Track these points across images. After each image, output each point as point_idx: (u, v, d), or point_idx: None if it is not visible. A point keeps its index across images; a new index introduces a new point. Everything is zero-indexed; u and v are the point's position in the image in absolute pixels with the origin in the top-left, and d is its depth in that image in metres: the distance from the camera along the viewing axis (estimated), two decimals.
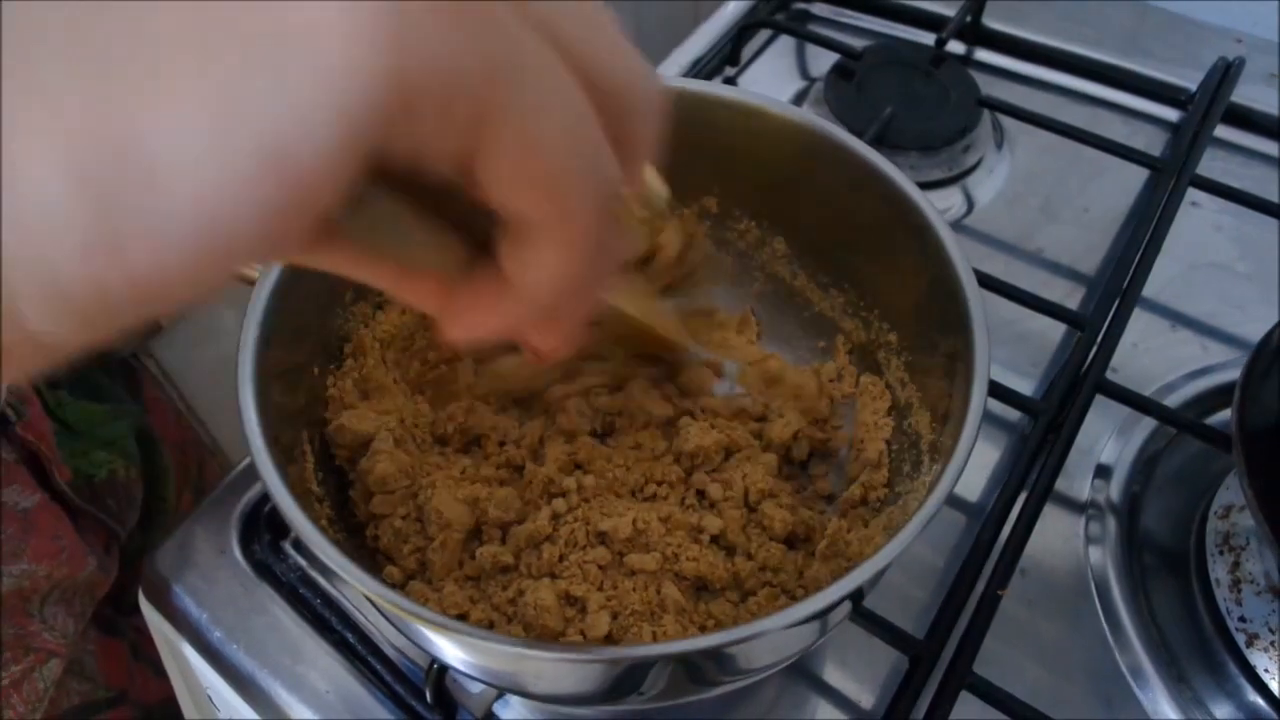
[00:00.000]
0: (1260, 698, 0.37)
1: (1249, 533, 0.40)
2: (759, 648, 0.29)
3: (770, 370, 0.41)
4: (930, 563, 0.41)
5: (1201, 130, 0.55)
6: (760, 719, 0.37)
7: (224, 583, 0.40)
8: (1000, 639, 0.38)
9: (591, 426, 0.38)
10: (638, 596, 0.32)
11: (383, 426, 0.35)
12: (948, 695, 0.35)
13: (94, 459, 0.48)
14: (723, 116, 0.38)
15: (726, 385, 0.42)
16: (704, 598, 0.34)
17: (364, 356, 0.37)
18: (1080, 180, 0.56)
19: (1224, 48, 0.61)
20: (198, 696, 0.42)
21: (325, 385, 0.36)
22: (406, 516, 0.35)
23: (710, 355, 0.41)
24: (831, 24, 0.67)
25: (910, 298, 0.36)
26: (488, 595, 0.33)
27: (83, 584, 0.46)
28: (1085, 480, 0.44)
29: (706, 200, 0.42)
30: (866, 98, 0.57)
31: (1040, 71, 0.63)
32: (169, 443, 0.56)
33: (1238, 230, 0.54)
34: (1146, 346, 0.49)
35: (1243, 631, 0.38)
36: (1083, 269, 0.52)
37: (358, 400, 0.36)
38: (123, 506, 0.51)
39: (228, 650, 0.39)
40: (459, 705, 0.37)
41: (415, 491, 0.35)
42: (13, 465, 0.43)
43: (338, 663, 0.38)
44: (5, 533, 0.42)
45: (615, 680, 0.29)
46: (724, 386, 0.42)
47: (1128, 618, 0.39)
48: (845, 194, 0.37)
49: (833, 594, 0.26)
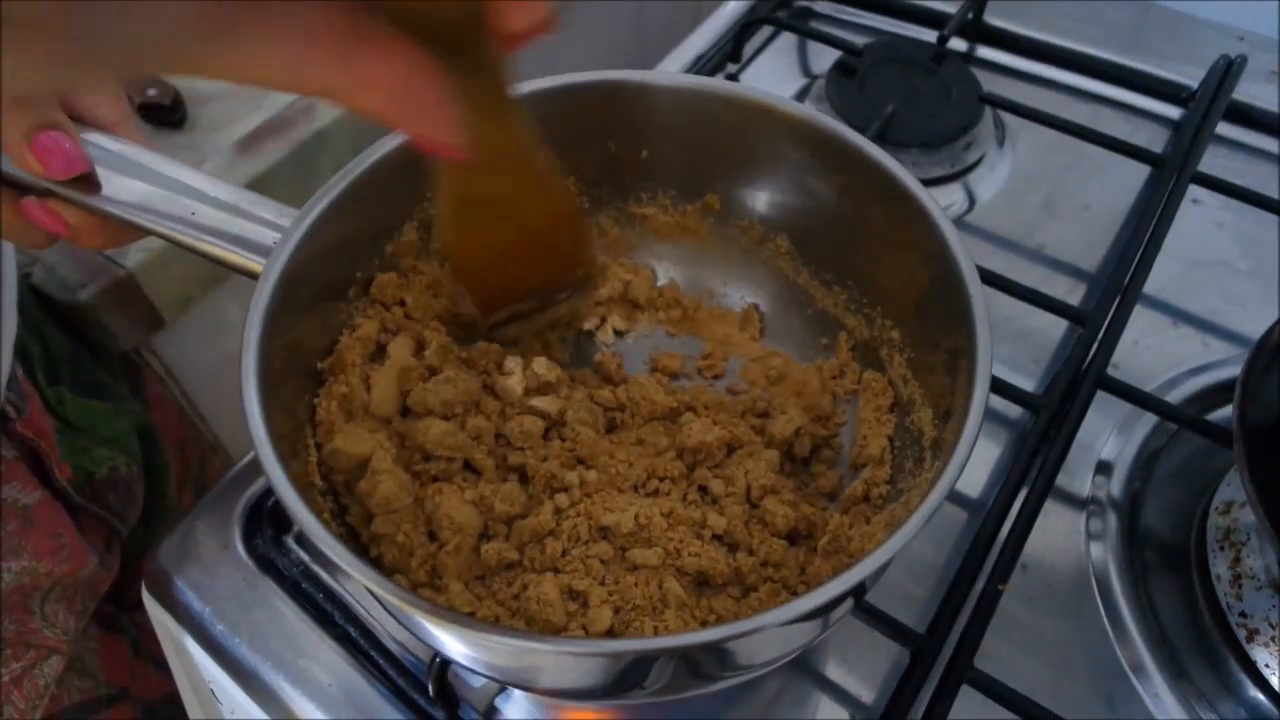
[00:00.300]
0: (1261, 693, 0.37)
1: (1250, 528, 0.40)
2: (762, 642, 0.30)
3: (773, 367, 0.41)
4: (931, 560, 0.41)
5: (1203, 127, 0.55)
6: (762, 714, 0.38)
7: (227, 577, 0.40)
8: (1001, 635, 0.38)
9: (594, 423, 0.38)
10: (640, 591, 0.32)
11: (377, 445, 0.34)
12: (949, 689, 0.35)
13: (95, 456, 0.48)
14: (727, 113, 0.38)
15: (730, 380, 0.42)
16: (706, 593, 0.34)
17: (344, 373, 0.36)
18: (1081, 177, 0.56)
19: (1225, 45, 0.61)
20: (201, 691, 0.42)
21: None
22: (413, 529, 0.34)
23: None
24: (833, 21, 0.67)
25: (913, 294, 0.37)
26: (493, 592, 0.33)
27: (84, 581, 0.46)
28: (1086, 476, 0.44)
29: (709, 197, 0.42)
30: (868, 95, 0.57)
31: (1042, 69, 0.63)
32: (170, 440, 0.56)
33: (1239, 227, 0.54)
34: (1147, 343, 0.49)
35: (1243, 627, 0.38)
36: (1084, 266, 0.52)
37: (344, 422, 0.35)
38: (124, 503, 0.51)
39: (231, 644, 0.39)
40: (461, 700, 0.37)
41: (421, 502, 0.34)
42: (13, 462, 0.43)
43: (340, 657, 0.38)
44: (6, 529, 0.42)
45: (617, 674, 0.29)
46: (726, 381, 0.42)
47: (1128, 613, 0.39)
48: (848, 191, 0.37)
49: (835, 589, 0.26)
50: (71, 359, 0.50)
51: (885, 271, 0.38)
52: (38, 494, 0.44)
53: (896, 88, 0.58)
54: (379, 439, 0.34)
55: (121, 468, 0.50)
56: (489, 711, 0.37)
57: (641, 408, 0.39)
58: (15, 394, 0.43)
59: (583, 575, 0.33)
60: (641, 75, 0.39)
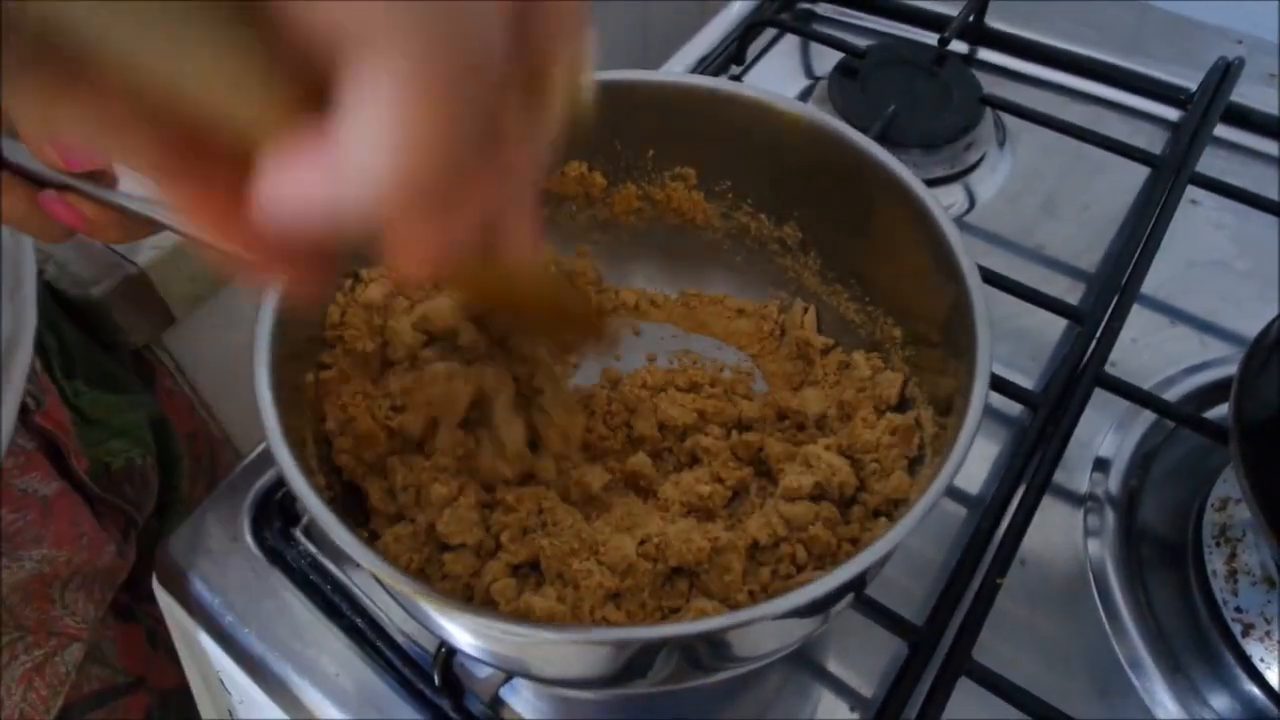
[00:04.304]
0: (1256, 687, 0.37)
1: (1245, 525, 0.40)
2: (763, 633, 0.30)
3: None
4: (930, 555, 0.42)
5: (1201, 129, 0.55)
6: (764, 705, 0.38)
7: (236, 569, 0.41)
8: (998, 630, 0.38)
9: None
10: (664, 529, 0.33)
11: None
12: (947, 682, 0.36)
13: (111, 448, 0.49)
14: (733, 112, 0.39)
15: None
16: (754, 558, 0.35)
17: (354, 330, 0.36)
18: (1081, 178, 0.57)
19: (1224, 48, 0.62)
20: (210, 680, 0.43)
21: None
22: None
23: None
24: (836, 23, 0.67)
25: (914, 293, 0.37)
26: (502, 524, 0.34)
27: (102, 570, 0.47)
28: (1084, 473, 0.44)
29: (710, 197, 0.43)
30: (870, 96, 0.58)
31: (1042, 71, 0.63)
32: (182, 433, 0.57)
33: (1236, 228, 0.54)
34: (1145, 342, 0.49)
35: (1239, 622, 0.38)
36: (1083, 265, 0.53)
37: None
38: (140, 494, 0.52)
39: (240, 634, 0.39)
40: (466, 689, 0.37)
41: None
42: (32, 454, 0.43)
43: (347, 647, 0.39)
44: (26, 519, 0.42)
45: (622, 664, 0.29)
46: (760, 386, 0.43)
47: (1125, 609, 0.40)
48: (851, 189, 0.38)
49: (834, 580, 0.27)
50: (85, 354, 0.51)
51: (886, 270, 0.39)
52: (56, 485, 0.44)
53: (898, 89, 0.58)
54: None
55: (137, 459, 0.51)
56: (494, 701, 0.37)
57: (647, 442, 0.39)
58: (34, 386, 0.44)
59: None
60: (646, 75, 0.39)
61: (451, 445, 0.35)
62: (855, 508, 0.36)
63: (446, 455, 0.35)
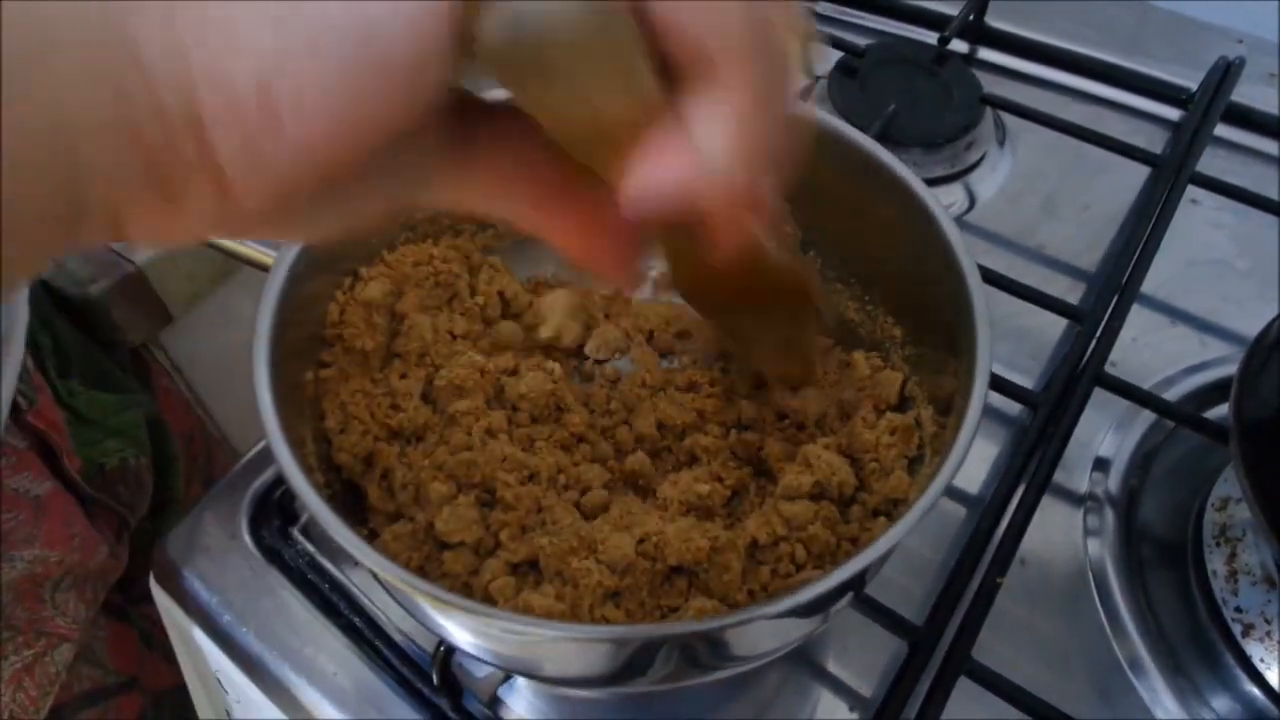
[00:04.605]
0: (1256, 687, 0.37)
1: (1246, 524, 0.40)
2: (763, 632, 0.30)
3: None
4: (930, 555, 0.42)
5: (1201, 129, 0.55)
6: (764, 704, 0.38)
7: (234, 567, 0.41)
8: (998, 630, 0.38)
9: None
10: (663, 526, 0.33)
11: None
12: (946, 681, 0.36)
13: (105, 448, 0.49)
14: None
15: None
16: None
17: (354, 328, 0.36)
18: (1081, 178, 0.57)
19: (1224, 48, 0.62)
20: (207, 680, 0.43)
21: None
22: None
23: None
24: (835, 22, 0.67)
25: (914, 292, 0.37)
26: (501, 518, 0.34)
27: (94, 570, 0.47)
28: (1084, 473, 0.44)
29: None
30: (870, 95, 0.58)
31: (1042, 70, 0.63)
32: (178, 432, 0.57)
33: (1237, 227, 0.54)
34: (1146, 341, 0.49)
35: (1239, 621, 0.38)
36: (1083, 265, 0.53)
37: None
38: (133, 494, 0.51)
39: (237, 633, 0.39)
40: (465, 688, 0.37)
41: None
42: (24, 453, 0.43)
43: (345, 646, 0.39)
44: (18, 519, 0.42)
45: (621, 662, 0.29)
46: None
47: (1125, 609, 0.40)
48: (851, 189, 0.38)
49: (833, 580, 0.27)
50: (82, 352, 0.51)
51: (886, 269, 0.39)
52: (49, 484, 0.44)
53: (898, 88, 0.58)
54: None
55: (131, 459, 0.51)
56: (492, 700, 0.37)
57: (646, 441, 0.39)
58: (26, 385, 0.44)
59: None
60: None
61: None
62: (855, 507, 0.36)
63: None
